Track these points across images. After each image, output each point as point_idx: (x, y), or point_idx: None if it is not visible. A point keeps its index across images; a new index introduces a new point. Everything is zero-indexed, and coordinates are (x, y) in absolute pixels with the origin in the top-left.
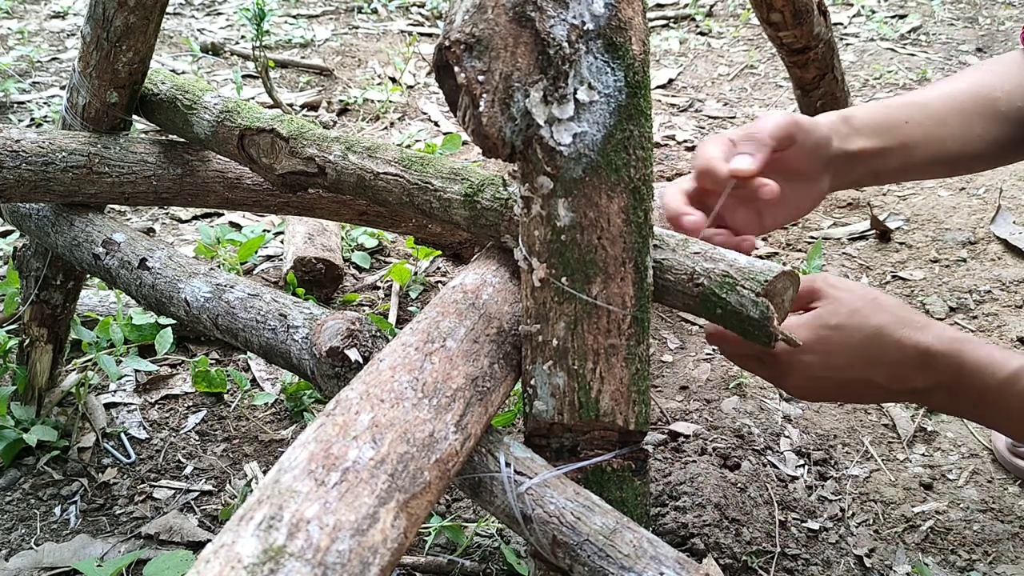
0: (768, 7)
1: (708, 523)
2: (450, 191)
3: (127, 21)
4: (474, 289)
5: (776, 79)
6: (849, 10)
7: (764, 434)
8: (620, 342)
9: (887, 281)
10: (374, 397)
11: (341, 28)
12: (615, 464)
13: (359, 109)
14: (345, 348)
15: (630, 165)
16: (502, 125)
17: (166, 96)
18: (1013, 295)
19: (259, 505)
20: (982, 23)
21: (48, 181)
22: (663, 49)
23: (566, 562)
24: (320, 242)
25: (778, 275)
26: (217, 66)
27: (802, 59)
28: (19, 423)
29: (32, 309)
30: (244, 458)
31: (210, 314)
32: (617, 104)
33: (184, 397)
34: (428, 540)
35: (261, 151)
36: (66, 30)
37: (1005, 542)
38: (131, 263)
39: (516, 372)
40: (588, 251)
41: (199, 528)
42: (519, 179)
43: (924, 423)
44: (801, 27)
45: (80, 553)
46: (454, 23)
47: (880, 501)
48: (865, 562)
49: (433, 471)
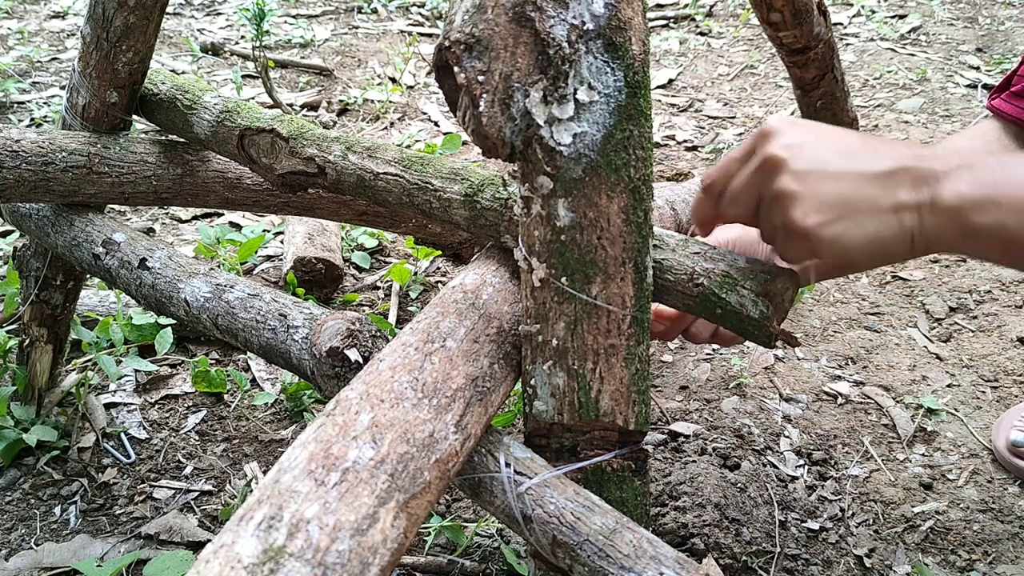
0: (768, 7)
1: (708, 523)
2: (450, 191)
3: (127, 21)
4: (474, 289)
5: (776, 79)
6: (849, 10)
7: (764, 434)
8: (620, 342)
9: (887, 281)
10: (374, 397)
11: (341, 28)
12: (615, 464)
13: (359, 109)
14: (345, 348)
15: (630, 165)
16: (502, 125)
17: (166, 96)
18: (1013, 295)
19: (259, 505)
20: (982, 23)
21: (48, 181)
22: (663, 49)
23: (566, 562)
24: (320, 242)
25: (778, 275)
26: (217, 66)
27: (802, 59)
28: (19, 423)
29: (32, 309)
30: (244, 458)
31: (210, 314)
32: (617, 104)
33: (184, 397)
34: (428, 540)
35: (261, 151)
36: (66, 30)
37: (1005, 542)
38: (131, 263)
39: (516, 372)
40: (588, 251)
41: (199, 528)
42: (519, 179)
43: (924, 423)
44: (801, 27)
45: (80, 553)
46: (454, 23)
47: (880, 501)
48: (865, 562)
49: (433, 471)
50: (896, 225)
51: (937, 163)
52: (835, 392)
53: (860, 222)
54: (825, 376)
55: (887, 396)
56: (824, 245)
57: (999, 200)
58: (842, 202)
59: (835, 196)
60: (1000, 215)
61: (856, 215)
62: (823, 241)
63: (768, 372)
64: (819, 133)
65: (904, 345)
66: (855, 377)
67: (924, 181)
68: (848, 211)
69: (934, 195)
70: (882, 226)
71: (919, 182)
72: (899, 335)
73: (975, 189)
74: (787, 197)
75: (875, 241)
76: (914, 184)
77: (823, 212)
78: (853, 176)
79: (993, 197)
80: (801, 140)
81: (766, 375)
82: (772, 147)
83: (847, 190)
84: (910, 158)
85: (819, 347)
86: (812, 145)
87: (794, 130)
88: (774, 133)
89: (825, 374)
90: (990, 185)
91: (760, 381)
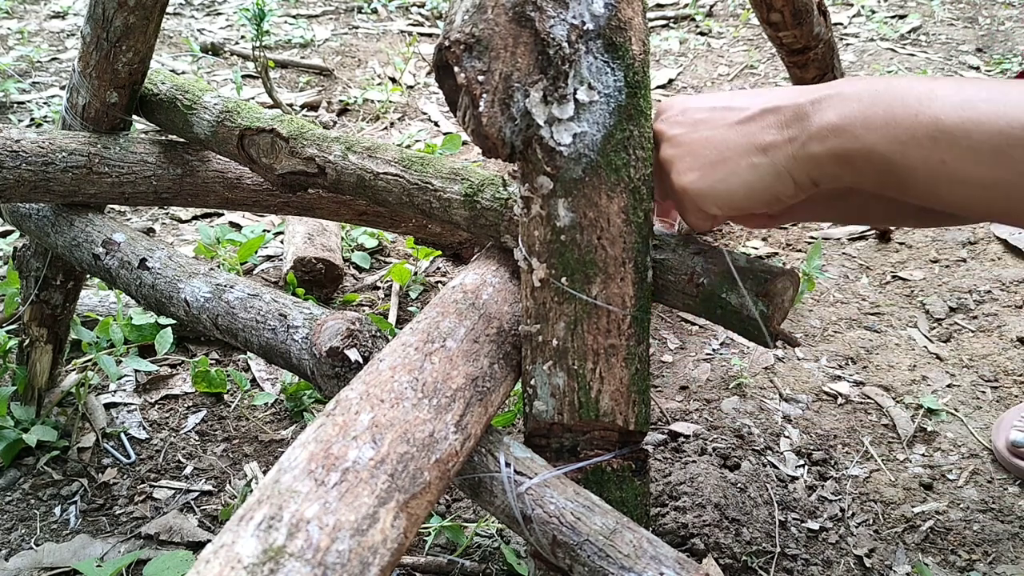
0: (768, 7)
1: (708, 523)
2: (450, 191)
3: (127, 21)
4: (474, 289)
5: (776, 79)
6: (849, 10)
7: (764, 434)
8: (620, 342)
9: (887, 281)
10: (374, 397)
11: (341, 28)
12: (615, 464)
13: (359, 109)
14: (345, 348)
15: (630, 165)
16: (502, 125)
17: (166, 96)
18: (1013, 295)
19: (259, 505)
20: (982, 23)
21: (48, 181)
22: (663, 49)
23: (566, 562)
24: (320, 242)
25: (778, 275)
26: (217, 66)
27: (802, 59)
28: (19, 423)
29: (32, 309)
30: (244, 458)
31: (210, 314)
32: (617, 104)
33: (184, 397)
34: (428, 540)
35: (261, 151)
36: (66, 30)
37: (1005, 542)
38: (131, 263)
39: (516, 372)
40: (588, 251)
41: (199, 528)
42: (519, 179)
43: (924, 423)
44: (801, 27)
45: (80, 553)
46: (454, 23)
47: (880, 501)
48: (865, 562)
49: (433, 471)
50: (768, 165)
51: (804, 96)
52: (835, 392)
53: (732, 170)
54: (825, 376)
55: (887, 396)
56: (705, 199)
57: (871, 122)
58: (711, 154)
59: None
60: (871, 138)
61: (726, 164)
62: (703, 195)
63: (768, 372)
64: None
65: (904, 345)
66: (855, 377)
67: (793, 117)
68: (718, 162)
69: (803, 129)
70: (754, 170)
71: (788, 119)
72: (899, 335)
73: (843, 116)
74: (667, 163)
75: (752, 185)
76: (781, 122)
77: (695, 169)
78: (720, 127)
79: (865, 120)
80: (680, 108)
81: (766, 375)
82: (656, 123)
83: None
84: (779, 98)
85: (819, 347)
86: (688, 111)
87: (678, 103)
88: (660, 111)
89: (825, 374)
90: (861, 109)
91: (760, 381)
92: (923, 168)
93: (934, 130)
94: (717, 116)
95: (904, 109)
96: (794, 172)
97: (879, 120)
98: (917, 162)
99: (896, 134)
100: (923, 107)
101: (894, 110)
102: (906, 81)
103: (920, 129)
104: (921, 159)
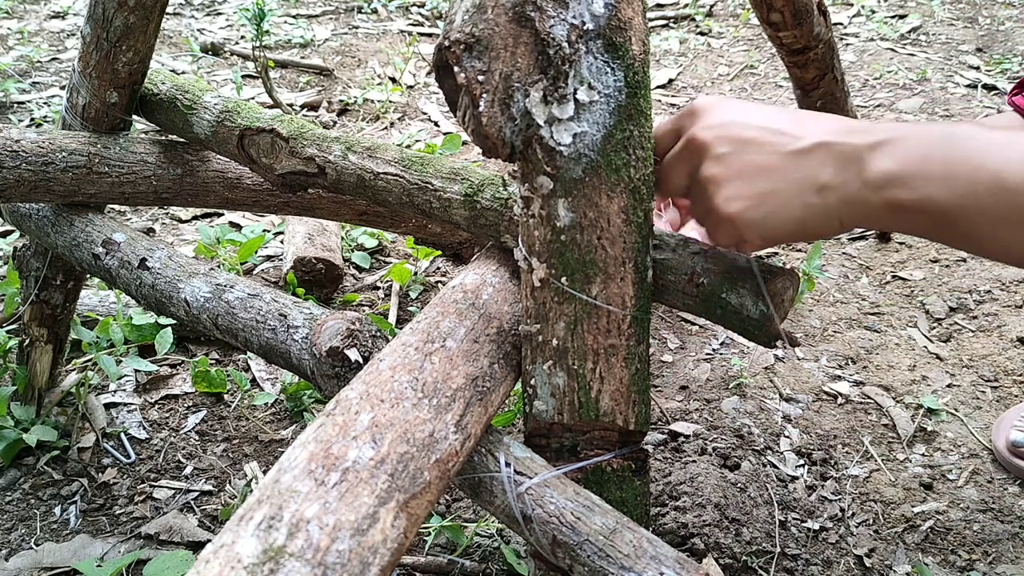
0: (768, 7)
1: (708, 523)
2: (450, 191)
3: (127, 21)
4: (474, 289)
5: (776, 79)
6: (849, 10)
7: (764, 434)
8: (620, 342)
9: (887, 281)
10: (374, 397)
11: (341, 28)
12: (615, 464)
13: (359, 109)
14: (345, 348)
15: (630, 165)
16: (502, 125)
17: (166, 96)
18: (1013, 295)
19: (259, 505)
20: (982, 23)
21: (48, 181)
22: (663, 49)
23: (566, 562)
24: (320, 242)
25: (778, 275)
26: (217, 66)
27: (802, 59)
28: (19, 423)
29: (32, 309)
30: (244, 458)
31: (210, 314)
32: (617, 104)
33: (184, 397)
34: (428, 540)
35: (261, 151)
36: (66, 30)
37: (1005, 542)
38: (131, 263)
39: (516, 372)
40: (588, 251)
41: (199, 528)
42: (519, 179)
43: (924, 423)
44: (801, 27)
45: (80, 553)
46: (454, 23)
47: (880, 501)
48: (865, 562)
49: (433, 471)
50: (820, 206)
51: (861, 138)
52: (835, 392)
53: (783, 205)
54: (825, 376)
55: (887, 396)
56: (749, 230)
57: (929, 174)
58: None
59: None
60: (929, 189)
61: (777, 197)
62: (748, 226)
63: (768, 372)
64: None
65: (904, 345)
66: (855, 377)
67: (849, 159)
68: (769, 194)
69: (858, 173)
70: (806, 209)
71: (844, 161)
72: (899, 335)
73: (902, 164)
74: (711, 182)
75: (802, 223)
76: (837, 162)
77: (745, 198)
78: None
79: (923, 170)
80: (725, 120)
81: (766, 375)
82: (697, 129)
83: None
84: (832, 133)
85: (819, 347)
86: (735, 126)
87: (719, 110)
88: (700, 113)
89: (825, 374)
90: (919, 158)
91: (760, 381)
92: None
93: (995, 186)
94: (768, 140)
95: (965, 162)
96: (844, 216)
97: (937, 172)
98: (975, 215)
99: (954, 187)
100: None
101: (953, 162)
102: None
103: (981, 184)
104: (979, 213)
